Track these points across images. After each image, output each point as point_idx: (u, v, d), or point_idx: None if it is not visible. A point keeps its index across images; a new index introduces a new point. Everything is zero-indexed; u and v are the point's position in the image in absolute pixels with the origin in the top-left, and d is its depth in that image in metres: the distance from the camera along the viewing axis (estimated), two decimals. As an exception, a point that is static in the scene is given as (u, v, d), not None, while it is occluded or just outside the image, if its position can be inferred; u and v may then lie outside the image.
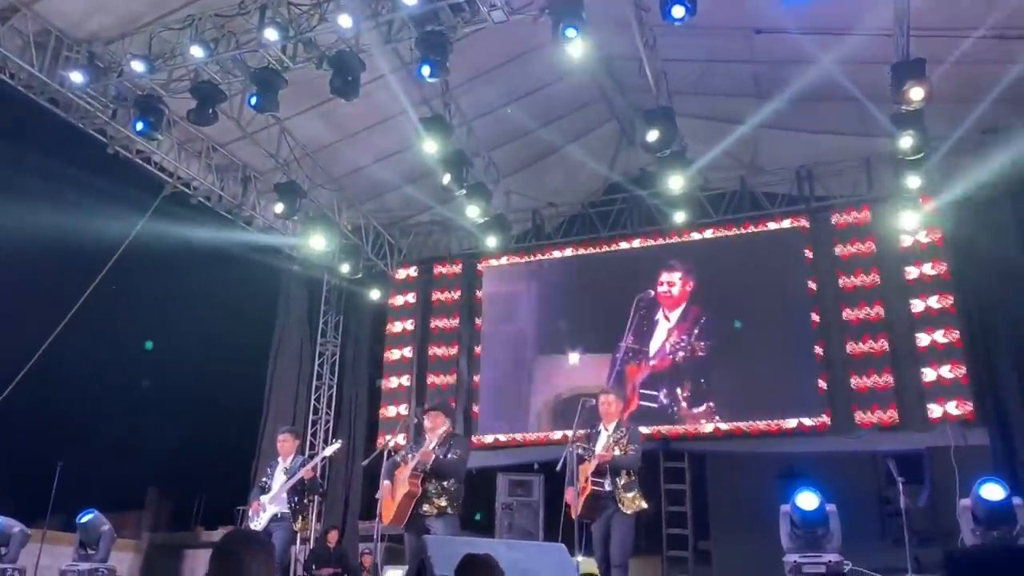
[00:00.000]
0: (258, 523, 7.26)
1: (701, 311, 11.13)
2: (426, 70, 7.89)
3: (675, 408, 10.87)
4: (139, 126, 8.90)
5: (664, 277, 11.42)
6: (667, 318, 11.28)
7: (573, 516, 6.45)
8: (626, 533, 6.28)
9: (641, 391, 11.07)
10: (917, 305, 10.12)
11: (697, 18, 7.26)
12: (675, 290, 11.31)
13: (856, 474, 10.63)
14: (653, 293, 11.42)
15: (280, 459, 7.61)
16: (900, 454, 9.48)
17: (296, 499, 7.30)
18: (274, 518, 7.22)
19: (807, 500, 6.92)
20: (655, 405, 10.96)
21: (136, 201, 10.34)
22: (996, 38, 8.28)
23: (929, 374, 9.82)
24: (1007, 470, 8.82)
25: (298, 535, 7.98)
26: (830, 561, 6.66)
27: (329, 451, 7.58)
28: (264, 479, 7.61)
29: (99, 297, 9.99)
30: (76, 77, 8.56)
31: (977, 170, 10.21)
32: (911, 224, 10.17)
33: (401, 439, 10.18)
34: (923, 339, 9.96)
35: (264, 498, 7.35)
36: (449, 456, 6.36)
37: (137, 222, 10.21)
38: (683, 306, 11.26)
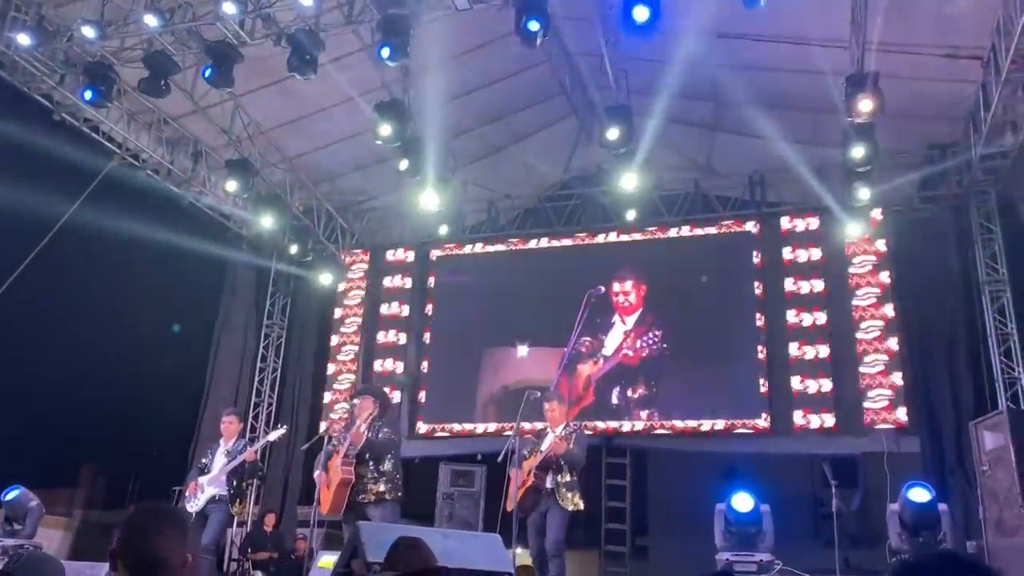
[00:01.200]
0: (195, 504, 7.20)
1: (655, 316, 11.21)
2: (385, 52, 7.79)
3: (626, 407, 10.93)
4: (88, 95, 8.65)
5: (617, 287, 11.44)
6: (623, 321, 11.34)
7: (509, 508, 6.47)
8: (560, 524, 6.36)
9: (596, 388, 11.12)
10: (859, 313, 10.35)
11: (660, 19, 7.29)
12: (631, 298, 11.38)
13: (792, 476, 10.85)
14: (604, 289, 11.47)
15: (222, 441, 7.55)
16: (835, 458, 9.71)
17: (235, 482, 7.26)
18: (212, 500, 7.17)
19: (742, 502, 7.05)
20: (608, 403, 11.02)
21: (81, 171, 10.05)
22: (947, 57, 8.48)
23: (867, 381, 10.05)
24: (936, 477, 9.08)
25: (235, 518, 7.90)
26: (761, 560, 6.79)
27: (274, 436, 7.50)
28: (204, 460, 7.54)
29: (38, 268, 9.71)
30: (23, 39, 8.27)
31: (922, 184, 10.51)
32: (857, 234, 10.39)
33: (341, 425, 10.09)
34: (863, 347, 10.19)
35: (203, 479, 7.29)
36: (380, 436, 6.34)
37: (81, 193, 9.92)
38: (640, 311, 11.32)
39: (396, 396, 11.25)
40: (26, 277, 9.60)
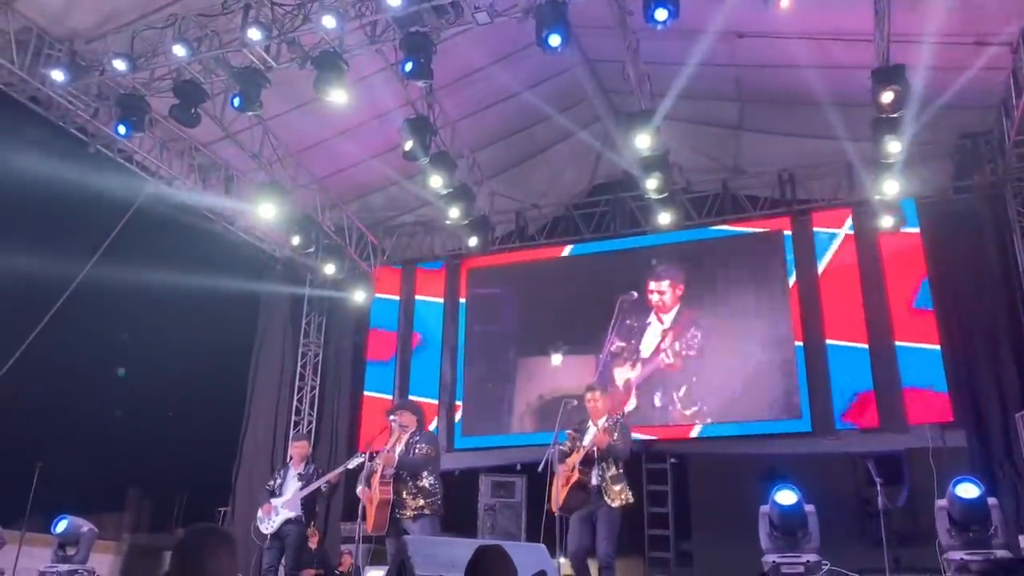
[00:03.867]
0: (270, 525, 7.54)
1: (692, 314, 11.15)
2: (409, 66, 7.89)
3: (670, 410, 10.86)
4: (121, 129, 8.84)
5: (653, 286, 11.40)
6: (661, 320, 11.29)
7: (554, 510, 6.38)
8: (612, 526, 6.24)
9: (637, 393, 11.06)
10: (896, 307, 10.20)
11: (680, 22, 7.30)
12: (667, 297, 11.33)
13: (836, 476, 10.73)
14: (636, 295, 11.44)
15: (291, 464, 7.89)
16: (879, 456, 9.59)
17: (309, 506, 7.60)
18: (288, 521, 7.49)
19: (785, 496, 6.98)
20: (651, 407, 10.94)
21: (117, 200, 10.27)
22: (976, 44, 8.38)
23: (908, 376, 9.89)
24: (984, 471, 8.92)
25: (308, 539, 8.17)
26: (808, 561, 6.71)
27: (352, 463, 7.51)
28: (272, 482, 7.86)
29: (79, 296, 9.92)
30: (57, 75, 8.49)
31: (956, 174, 10.37)
32: (891, 227, 10.25)
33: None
34: (902, 341, 10.04)
35: (276, 501, 7.59)
36: (413, 454, 6.36)
37: (118, 221, 10.15)
38: (676, 309, 11.27)
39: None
40: (68, 306, 9.81)
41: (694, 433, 10.69)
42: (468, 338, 12.31)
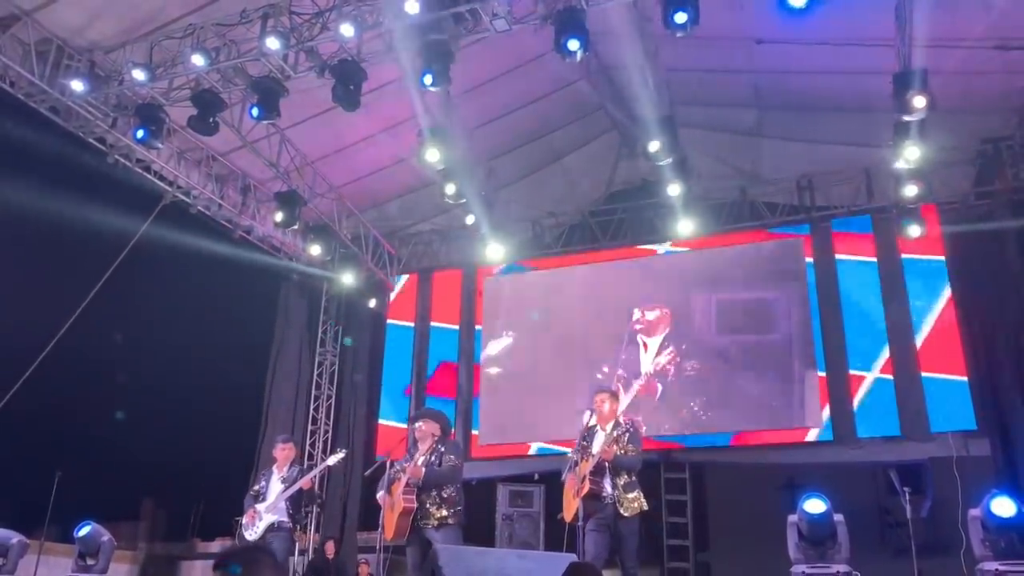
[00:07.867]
0: (254, 532, 7.13)
1: (702, 326, 11.09)
2: (428, 79, 7.87)
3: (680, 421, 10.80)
4: (140, 134, 8.85)
5: (637, 315, 11.42)
6: (645, 346, 11.27)
7: (568, 519, 6.27)
8: (632, 538, 6.16)
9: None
10: (917, 315, 10.10)
11: (699, 28, 7.24)
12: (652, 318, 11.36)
13: (856, 485, 10.61)
14: (642, 312, 11.40)
15: (275, 467, 7.48)
16: (902, 465, 9.49)
17: (295, 508, 7.22)
18: (271, 527, 7.09)
19: (814, 505, 6.89)
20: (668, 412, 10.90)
21: (136, 210, 10.30)
22: (996, 48, 8.30)
23: (930, 384, 9.79)
24: (1009, 480, 8.80)
25: (297, 545, 7.88)
26: (838, 572, 6.62)
27: (332, 460, 7.36)
28: (257, 487, 7.47)
29: (97, 307, 9.94)
30: (77, 86, 8.53)
31: (977, 179, 10.27)
32: (911, 234, 10.16)
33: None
34: (924, 349, 9.93)
35: (260, 506, 7.21)
36: (441, 465, 6.27)
37: (136, 232, 10.17)
38: (667, 331, 11.23)
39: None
40: (86, 317, 9.83)
41: (715, 441, 10.62)
42: (484, 347, 12.24)
